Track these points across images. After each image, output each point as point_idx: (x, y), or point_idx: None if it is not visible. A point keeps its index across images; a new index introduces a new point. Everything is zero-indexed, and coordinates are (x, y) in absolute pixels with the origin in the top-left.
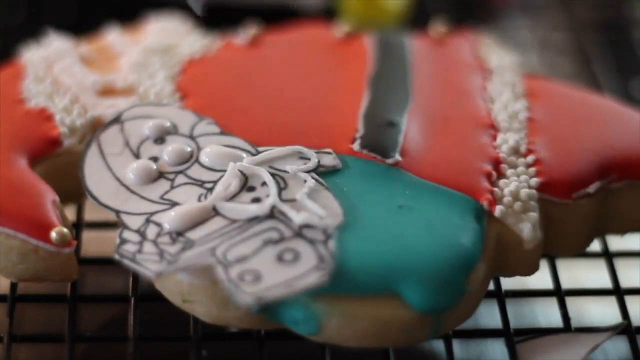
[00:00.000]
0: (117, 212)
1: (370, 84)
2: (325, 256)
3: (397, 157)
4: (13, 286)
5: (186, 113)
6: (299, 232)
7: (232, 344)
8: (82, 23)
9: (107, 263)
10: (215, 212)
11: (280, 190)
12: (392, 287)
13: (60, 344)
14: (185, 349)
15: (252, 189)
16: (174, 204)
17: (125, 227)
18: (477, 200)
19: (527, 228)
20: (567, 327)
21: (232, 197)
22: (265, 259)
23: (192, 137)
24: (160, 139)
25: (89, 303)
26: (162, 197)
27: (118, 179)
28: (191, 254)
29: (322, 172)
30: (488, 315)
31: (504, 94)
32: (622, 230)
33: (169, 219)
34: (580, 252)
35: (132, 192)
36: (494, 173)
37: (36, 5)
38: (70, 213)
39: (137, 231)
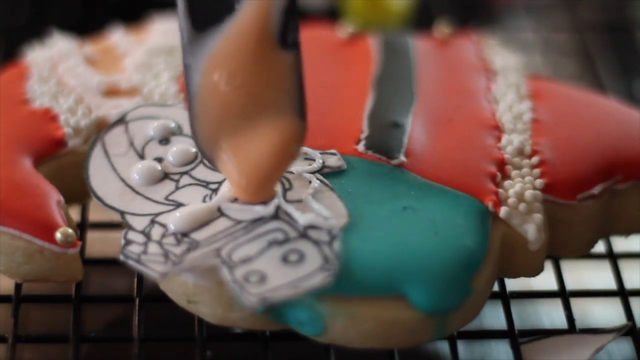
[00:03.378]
0: (122, 212)
1: (374, 85)
2: (330, 257)
3: (402, 158)
4: (17, 287)
5: None
6: (304, 233)
7: (237, 345)
8: (86, 23)
9: (111, 264)
10: (220, 212)
11: (285, 191)
12: (397, 288)
13: (65, 344)
14: (190, 349)
15: None
16: (178, 204)
17: (130, 228)
18: (482, 202)
19: (531, 229)
20: (571, 328)
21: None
22: (270, 259)
23: None
24: (165, 140)
25: (94, 304)
26: (167, 198)
27: (123, 180)
28: (196, 254)
29: (327, 173)
30: (492, 316)
31: (509, 95)
32: (626, 231)
33: (174, 220)
34: (585, 254)
35: (137, 192)
36: (499, 174)
37: (40, 5)
38: (74, 213)
39: (142, 232)
